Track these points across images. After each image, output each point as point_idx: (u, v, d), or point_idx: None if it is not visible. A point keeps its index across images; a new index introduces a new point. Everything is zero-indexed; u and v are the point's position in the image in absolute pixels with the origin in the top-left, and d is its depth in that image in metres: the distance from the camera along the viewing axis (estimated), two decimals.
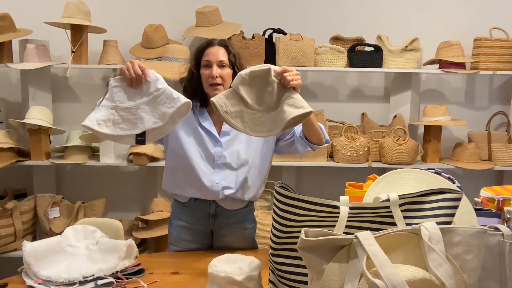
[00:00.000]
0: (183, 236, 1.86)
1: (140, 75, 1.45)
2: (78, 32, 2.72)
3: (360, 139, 2.86)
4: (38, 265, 1.47)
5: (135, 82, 1.46)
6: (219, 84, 1.72)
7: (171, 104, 1.46)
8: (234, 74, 1.73)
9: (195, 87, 1.79)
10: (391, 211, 1.15)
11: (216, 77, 1.71)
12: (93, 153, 2.91)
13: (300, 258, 1.01)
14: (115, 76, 1.50)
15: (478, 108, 3.22)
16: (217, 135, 1.77)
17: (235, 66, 1.75)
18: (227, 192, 1.75)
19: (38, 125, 2.69)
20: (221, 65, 1.73)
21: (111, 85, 1.47)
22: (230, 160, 1.75)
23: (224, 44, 1.77)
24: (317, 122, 1.71)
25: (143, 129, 1.47)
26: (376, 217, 1.16)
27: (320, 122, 2.87)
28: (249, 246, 1.88)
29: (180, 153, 1.76)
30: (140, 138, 1.48)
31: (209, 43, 1.77)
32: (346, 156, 2.85)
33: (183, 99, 1.47)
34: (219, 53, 1.73)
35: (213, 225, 1.84)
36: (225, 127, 1.78)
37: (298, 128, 1.78)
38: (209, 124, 1.78)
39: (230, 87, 1.48)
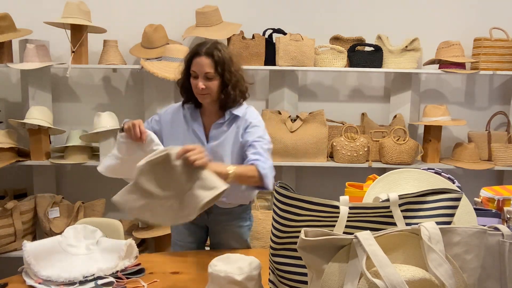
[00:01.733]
0: (182, 231, 1.93)
1: (139, 137, 1.62)
2: (78, 32, 2.72)
3: (360, 139, 2.86)
4: (38, 265, 1.48)
5: (135, 139, 1.64)
6: (207, 93, 1.73)
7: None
8: (224, 81, 1.74)
9: (188, 93, 1.82)
10: (391, 211, 1.15)
11: (202, 88, 1.71)
12: (93, 153, 2.91)
13: (300, 258, 1.01)
14: (123, 125, 1.68)
15: (478, 108, 3.22)
16: (204, 140, 1.79)
17: (224, 75, 1.72)
18: None
19: (38, 125, 2.69)
20: (207, 77, 1.71)
21: (118, 140, 1.69)
22: None
23: (211, 53, 1.71)
24: (246, 173, 1.61)
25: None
26: (376, 217, 1.16)
27: (320, 122, 2.89)
28: (242, 245, 1.91)
29: None
30: None
31: (196, 53, 1.73)
32: (346, 156, 2.85)
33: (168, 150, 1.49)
34: (205, 65, 1.70)
35: (207, 220, 1.89)
36: (213, 132, 1.80)
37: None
38: (198, 127, 1.81)
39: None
